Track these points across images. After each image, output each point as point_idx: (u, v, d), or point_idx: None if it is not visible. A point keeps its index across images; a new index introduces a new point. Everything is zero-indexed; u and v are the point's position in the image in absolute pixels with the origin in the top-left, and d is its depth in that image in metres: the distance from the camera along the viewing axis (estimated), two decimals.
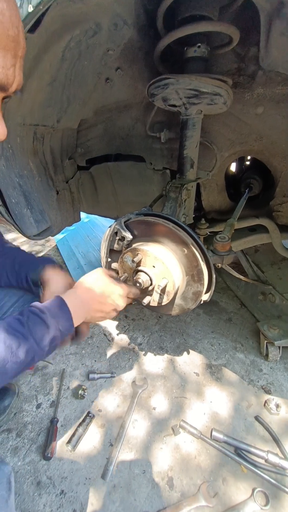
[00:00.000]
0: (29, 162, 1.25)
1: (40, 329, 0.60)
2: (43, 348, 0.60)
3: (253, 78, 0.98)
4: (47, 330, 0.61)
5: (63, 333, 0.65)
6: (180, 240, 0.88)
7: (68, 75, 1.05)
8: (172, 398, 1.23)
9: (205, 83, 0.80)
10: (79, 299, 0.72)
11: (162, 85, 0.86)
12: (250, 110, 1.05)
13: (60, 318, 0.65)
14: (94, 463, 1.00)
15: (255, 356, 1.42)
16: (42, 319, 0.62)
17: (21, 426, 1.12)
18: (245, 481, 0.95)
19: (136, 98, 1.20)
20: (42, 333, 0.60)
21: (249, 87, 1.00)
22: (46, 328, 0.61)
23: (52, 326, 0.62)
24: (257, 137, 1.11)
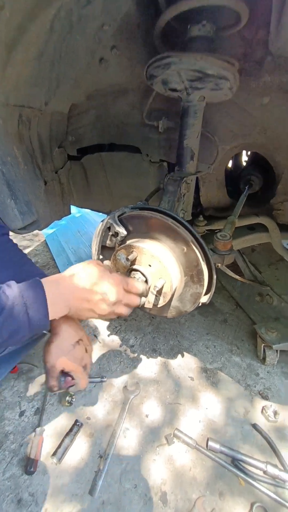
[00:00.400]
0: (13, 148, 1.13)
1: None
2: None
3: (261, 65, 0.90)
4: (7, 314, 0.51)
5: (33, 323, 0.54)
6: (180, 237, 0.81)
7: (57, 49, 0.94)
8: (166, 404, 1.16)
9: (211, 63, 0.72)
10: (59, 285, 0.60)
11: (163, 64, 0.77)
12: (256, 100, 0.97)
13: (32, 304, 0.54)
14: (82, 477, 0.93)
15: (251, 360, 1.38)
16: (3, 306, 0.51)
17: (1, 436, 1.03)
18: (243, 495, 0.89)
19: (133, 82, 1.10)
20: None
21: (256, 75, 0.93)
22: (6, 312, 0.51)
23: (15, 309, 0.51)
24: (261, 129, 1.04)
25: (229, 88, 0.81)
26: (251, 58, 0.88)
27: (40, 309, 0.55)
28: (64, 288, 0.61)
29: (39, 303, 0.55)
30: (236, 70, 0.78)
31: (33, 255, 2.37)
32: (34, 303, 0.54)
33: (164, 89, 0.90)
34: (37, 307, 0.54)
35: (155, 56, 0.81)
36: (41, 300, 0.55)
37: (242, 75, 0.90)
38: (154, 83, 0.89)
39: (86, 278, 0.63)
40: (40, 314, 0.55)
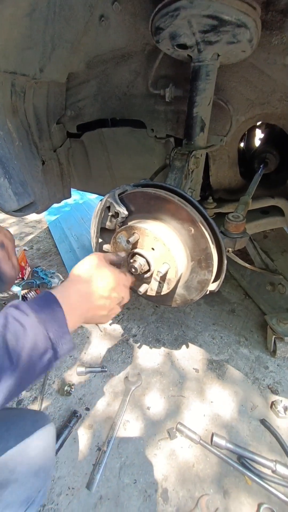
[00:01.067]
0: (6, 122, 1.04)
1: (16, 338, 0.41)
2: (17, 364, 0.40)
3: (286, 16, 0.77)
4: (26, 339, 0.41)
5: (56, 344, 0.45)
6: (187, 217, 0.71)
7: (51, 4, 0.83)
8: (169, 396, 1.11)
9: (229, 5, 0.60)
10: (75, 295, 0.52)
11: (172, 11, 0.65)
12: (277, 60, 0.84)
13: (50, 323, 0.45)
14: (79, 470, 0.89)
15: (260, 352, 1.30)
16: (22, 325, 0.42)
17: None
18: (250, 495, 0.84)
19: (137, 44, 0.98)
20: (19, 343, 0.41)
21: (279, 28, 0.80)
22: (26, 337, 0.41)
23: (33, 333, 0.42)
24: (282, 96, 0.91)
25: (248, 41, 0.69)
26: (274, 7, 0.75)
27: (58, 332, 0.45)
28: (81, 298, 0.52)
29: (57, 323, 0.46)
30: (258, 16, 0.66)
31: (36, 242, 2.31)
32: (52, 322, 0.45)
33: (172, 46, 0.78)
34: (56, 328, 0.45)
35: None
36: (60, 321, 0.46)
37: (262, 29, 0.77)
38: (161, 40, 0.77)
39: (102, 283, 0.55)
40: (60, 333, 0.46)
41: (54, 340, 0.44)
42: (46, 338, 0.43)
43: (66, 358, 1.25)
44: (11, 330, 0.41)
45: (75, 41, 0.99)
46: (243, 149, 1.51)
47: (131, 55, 1.03)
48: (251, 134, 1.50)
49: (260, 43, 0.81)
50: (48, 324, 0.44)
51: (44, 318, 0.44)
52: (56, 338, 0.45)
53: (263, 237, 1.63)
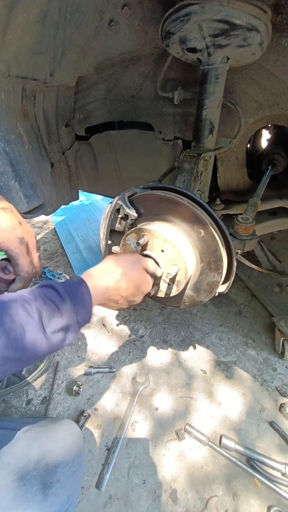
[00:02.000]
0: (17, 126, 1.06)
1: (52, 317, 0.48)
2: (50, 338, 0.47)
3: None
4: (60, 319, 0.49)
5: (80, 325, 0.54)
6: (196, 219, 0.72)
7: (62, 10, 0.85)
8: (177, 397, 1.11)
9: (240, 9, 0.61)
10: (102, 288, 0.59)
11: (183, 15, 0.66)
12: (287, 62, 0.84)
13: (79, 309, 0.53)
14: (88, 470, 0.90)
15: (268, 354, 1.29)
16: (58, 307, 0.49)
17: None
18: (259, 498, 0.84)
19: (146, 48, 0.99)
20: (54, 321, 0.48)
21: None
22: (60, 318, 0.49)
23: (67, 317, 0.50)
24: None
25: (259, 44, 0.69)
26: (285, 10, 0.75)
27: (84, 315, 0.54)
28: (107, 288, 0.60)
29: (85, 308, 0.54)
30: (269, 20, 0.66)
31: (42, 243, 2.34)
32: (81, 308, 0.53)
33: (181, 50, 0.79)
34: (83, 312, 0.54)
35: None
36: (87, 307, 0.54)
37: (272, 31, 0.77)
38: (170, 44, 0.78)
39: (132, 282, 0.63)
40: (85, 316, 0.54)
41: (81, 323, 0.53)
42: (75, 322, 0.51)
43: (75, 358, 1.26)
44: (48, 309, 0.47)
45: (85, 46, 1.01)
46: (250, 150, 1.51)
47: (140, 58, 1.04)
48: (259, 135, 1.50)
49: (270, 45, 0.81)
50: (78, 309, 0.52)
51: (76, 303, 0.52)
52: (82, 322, 0.53)
53: (271, 238, 1.62)
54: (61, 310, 0.49)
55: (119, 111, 1.23)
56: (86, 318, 0.54)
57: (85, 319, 0.54)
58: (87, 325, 1.44)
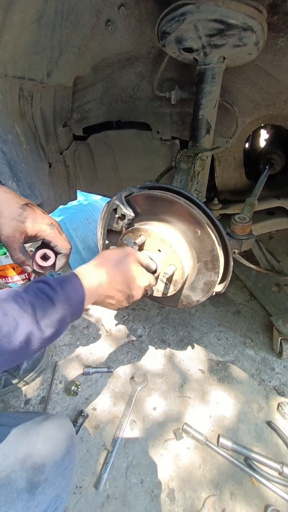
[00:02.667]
0: (14, 126, 1.06)
1: (46, 309, 0.49)
2: (44, 330, 0.48)
3: None
4: (54, 311, 0.50)
5: (73, 317, 0.54)
6: (193, 219, 0.72)
7: (59, 10, 0.85)
8: (174, 397, 1.11)
9: (235, 9, 0.61)
10: (96, 281, 0.59)
11: (178, 15, 0.66)
12: (283, 61, 0.85)
13: (72, 301, 0.53)
14: (86, 470, 0.90)
15: (266, 353, 1.30)
16: (50, 298, 0.50)
17: None
18: (256, 497, 0.84)
19: (143, 48, 0.99)
20: (47, 313, 0.49)
21: (285, 30, 0.80)
22: (54, 310, 0.50)
23: (61, 308, 0.50)
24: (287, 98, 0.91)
25: (254, 44, 0.69)
26: (280, 10, 0.75)
27: (77, 308, 0.54)
28: (100, 285, 0.59)
29: (77, 301, 0.54)
30: (264, 19, 0.67)
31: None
32: (74, 300, 0.54)
33: (178, 50, 0.79)
34: (75, 304, 0.54)
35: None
36: (80, 299, 0.55)
37: (269, 31, 0.77)
38: (167, 43, 0.78)
39: (126, 277, 0.63)
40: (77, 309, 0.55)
41: (74, 315, 0.54)
42: (69, 314, 0.52)
43: (73, 358, 1.26)
44: (40, 301, 0.48)
45: (81, 46, 1.01)
46: (248, 150, 1.51)
47: (137, 58, 1.04)
48: (256, 135, 1.50)
49: (266, 45, 0.81)
50: (71, 301, 0.52)
51: (69, 296, 0.52)
52: (76, 313, 0.54)
53: (269, 238, 1.63)
54: (54, 302, 0.49)
55: (116, 111, 1.23)
56: (79, 309, 0.54)
57: (79, 310, 0.55)
58: (85, 324, 1.44)
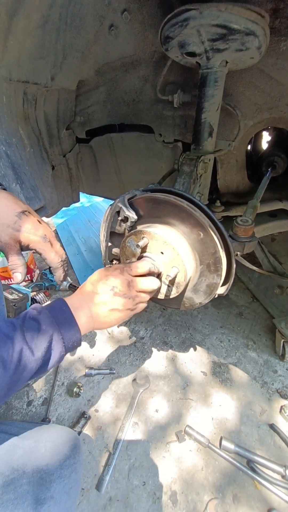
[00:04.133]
0: (18, 129, 1.07)
1: (34, 333, 0.50)
2: (38, 356, 0.49)
3: None
4: (42, 334, 0.50)
5: (68, 341, 0.54)
6: (196, 221, 0.72)
7: (63, 16, 0.86)
8: (177, 399, 1.11)
9: (238, 14, 0.62)
10: (78, 295, 0.60)
11: (181, 21, 0.67)
12: (286, 65, 0.85)
13: (62, 321, 0.54)
14: (89, 472, 0.90)
15: (269, 356, 1.29)
16: (38, 321, 0.51)
17: None
18: (259, 500, 0.83)
19: (146, 51, 1.00)
20: (37, 338, 0.50)
21: (287, 35, 0.81)
22: (41, 332, 0.51)
23: (49, 330, 0.51)
24: None
25: (257, 48, 0.70)
26: (283, 14, 0.76)
27: (71, 331, 0.55)
28: (83, 300, 0.60)
29: (68, 320, 0.55)
30: (267, 24, 0.67)
31: None
32: (64, 320, 0.55)
33: (180, 54, 0.80)
34: (67, 326, 0.54)
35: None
36: (69, 318, 0.55)
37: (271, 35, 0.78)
38: (170, 48, 0.79)
39: (91, 285, 0.63)
40: (73, 332, 0.55)
41: (64, 335, 0.53)
42: (58, 333, 0.52)
43: (75, 360, 1.27)
44: (28, 326, 0.50)
45: (85, 50, 1.02)
46: (250, 152, 1.51)
47: (139, 62, 1.05)
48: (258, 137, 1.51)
49: (269, 48, 0.82)
50: (59, 319, 0.53)
51: (55, 315, 0.54)
52: (65, 332, 0.53)
53: (271, 240, 1.62)
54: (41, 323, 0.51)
55: (119, 114, 1.24)
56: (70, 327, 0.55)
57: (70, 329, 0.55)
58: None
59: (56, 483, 0.55)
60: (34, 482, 0.53)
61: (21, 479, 0.52)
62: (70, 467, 0.59)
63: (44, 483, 0.54)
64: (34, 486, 0.52)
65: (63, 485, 0.56)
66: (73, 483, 0.58)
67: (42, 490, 0.53)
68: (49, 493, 0.53)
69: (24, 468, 0.54)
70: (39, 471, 0.55)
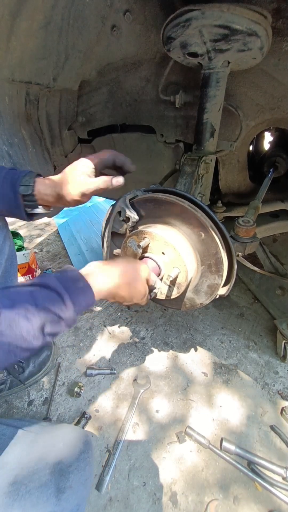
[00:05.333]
0: (20, 129, 1.08)
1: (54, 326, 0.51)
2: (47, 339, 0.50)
3: None
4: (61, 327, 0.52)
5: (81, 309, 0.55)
6: (197, 222, 0.73)
7: (65, 16, 0.86)
8: (177, 400, 1.11)
9: (240, 15, 0.62)
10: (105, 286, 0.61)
11: (183, 21, 0.67)
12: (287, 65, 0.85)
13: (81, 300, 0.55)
14: None
15: (270, 357, 1.29)
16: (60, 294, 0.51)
17: None
18: (260, 502, 0.83)
19: (148, 52, 1.00)
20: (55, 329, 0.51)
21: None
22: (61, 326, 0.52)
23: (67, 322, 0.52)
24: None
25: (259, 48, 0.70)
26: (285, 14, 0.76)
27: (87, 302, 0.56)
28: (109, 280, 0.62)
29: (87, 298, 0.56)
30: (269, 24, 0.67)
31: (45, 244, 2.35)
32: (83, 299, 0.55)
33: (182, 55, 0.80)
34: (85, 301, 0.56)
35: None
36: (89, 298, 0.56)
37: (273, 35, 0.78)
38: (172, 48, 0.79)
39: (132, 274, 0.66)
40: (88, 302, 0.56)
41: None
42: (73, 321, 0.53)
43: (76, 360, 1.27)
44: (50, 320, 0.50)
45: (87, 51, 1.02)
46: (252, 153, 1.51)
47: (141, 62, 1.05)
48: (260, 138, 1.50)
49: (271, 49, 0.82)
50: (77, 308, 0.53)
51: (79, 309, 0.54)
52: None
53: (273, 240, 1.62)
54: (64, 318, 0.51)
55: (121, 114, 1.24)
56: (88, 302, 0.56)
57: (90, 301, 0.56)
58: (89, 326, 1.45)
59: (73, 474, 0.60)
60: (55, 473, 0.59)
61: (44, 469, 0.59)
62: (85, 461, 0.64)
63: (64, 473, 0.59)
64: (55, 476, 0.58)
65: (79, 476, 0.61)
66: (88, 475, 0.63)
67: (62, 480, 0.58)
68: (68, 482, 0.58)
69: (47, 460, 0.60)
70: (59, 462, 0.61)
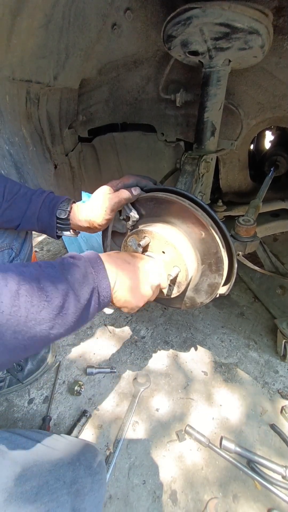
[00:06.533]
0: (21, 128, 1.08)
1: (78, 274, 0.49)
2: (82, 298, 0.48)
3: None
4: (86, 279, 0.50)
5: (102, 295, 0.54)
6: (197, 221, 0.72)
7: (66, 15, 0.86)
8: (177, 398, 1.11)
9: (241, 13, 0.61)
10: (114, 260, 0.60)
11: (184, 19, 0.67)
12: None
13: (98, 274, 0.53)
14: None
15: (270, 356, 1.29)
16: (80, 267, 0.50)
17: (10, 423, 1.03)
18: (259, 500, 0.83)
19: (148, 50, 1.00)
20: (80, 279, 0.49)
21: None
22: (85, 276, 0.50)
23: (91, 278, 0.51)
24: None
25: (260, 47, 0.69)
26: (286, 12, 0.75)
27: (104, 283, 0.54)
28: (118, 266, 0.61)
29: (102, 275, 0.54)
30: (270, 23, 0.67)
31: (46, 243, 2.35)
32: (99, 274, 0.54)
33: (183, 53, 0.80)
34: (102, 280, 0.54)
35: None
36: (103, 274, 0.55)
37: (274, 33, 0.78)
38: (172, 47, 0.79)
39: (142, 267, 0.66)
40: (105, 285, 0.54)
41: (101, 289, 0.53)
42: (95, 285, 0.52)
43: (76, 358, 1.27)
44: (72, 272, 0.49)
45: (88, 49, 1.02)
46: (253, 151, 1.51)
47: (142, 61, 1.05)
48: (261, 136, 1.50)
49: (272, 47, 0.81)
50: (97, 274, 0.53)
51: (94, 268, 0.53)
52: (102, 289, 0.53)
53: (273, 240, 1.62)
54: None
55: (121, 113, 1.24)
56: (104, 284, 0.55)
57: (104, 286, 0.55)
58: (89, 325, 1.45)
59: (88, 495, 0.61)
60: (72, 493, 0.60)
61: (62, 489, 0.59)
62: (99, 482, 0.65)
63: (79, 495, 0.60)
64: (72, 497, 0.59)
65: (93, 498, 0.62)
66: (100, 498, 0.65)
67: (77, 501, 0.59)
68: (83, 504, 0.59)
69: (64, 479, 0.61)
70: (75, 482, 0.62)
